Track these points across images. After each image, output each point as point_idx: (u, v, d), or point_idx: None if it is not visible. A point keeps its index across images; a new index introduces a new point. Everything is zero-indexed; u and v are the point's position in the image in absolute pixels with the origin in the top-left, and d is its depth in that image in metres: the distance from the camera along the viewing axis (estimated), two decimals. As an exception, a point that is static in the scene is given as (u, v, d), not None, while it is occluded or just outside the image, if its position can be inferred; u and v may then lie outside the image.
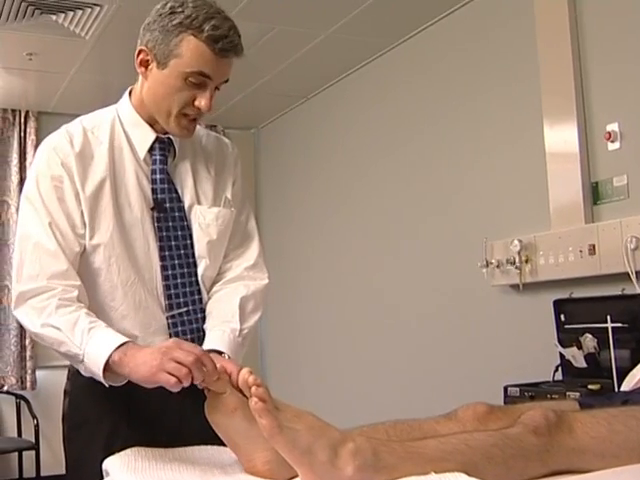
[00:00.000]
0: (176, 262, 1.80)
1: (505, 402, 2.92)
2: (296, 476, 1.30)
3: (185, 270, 1.82)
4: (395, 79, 4.53)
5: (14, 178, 5.45)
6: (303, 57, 4.60)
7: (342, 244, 4.99)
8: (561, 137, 3.33)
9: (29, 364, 5.35)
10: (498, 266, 3.54)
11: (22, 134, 5.52)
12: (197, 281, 1.84)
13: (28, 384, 5.34)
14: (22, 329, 5.33)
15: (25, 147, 5.52)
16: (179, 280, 1.81)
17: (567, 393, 2.69)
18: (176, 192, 1.84)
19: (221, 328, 1.79)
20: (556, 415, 1.39)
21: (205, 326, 1.84)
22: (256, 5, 3.85)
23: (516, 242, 3.40)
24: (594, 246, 3.08)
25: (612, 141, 3.11)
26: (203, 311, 1.85)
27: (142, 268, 1.78)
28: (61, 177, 1.73)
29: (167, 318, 1.80)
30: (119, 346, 1.58)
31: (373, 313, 4.64)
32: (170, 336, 1.78)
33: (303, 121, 5.54)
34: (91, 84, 4.98)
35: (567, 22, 3.29)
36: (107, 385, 1.62)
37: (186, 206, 1.84)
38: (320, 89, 5.22)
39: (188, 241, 1.83)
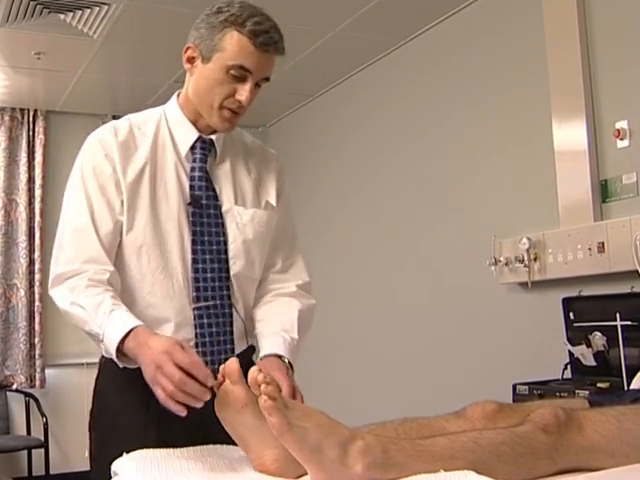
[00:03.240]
0: (207, 257, 1.85)
1: (514, 400, 2.91)
2: (305, 474, 1.30)
3: (216, 265, 1.86)
4: (403, 77, 4.53)
5: (22, 177, 5.46)
6: (311, 55, 4.60)
7: (351, 242, 4.99)
8: (570, 135, 3.32)
9: (38, 362, 5.36)
10: (507, 264, 3.54)
11: (30, 133, 5.53)
12: (227, 277, 1.88)
13: (37, 382, 5.35)
14: (31, 327, 5.36)
15: (34, 146, 5.53)
16: (209, 274, 1.85)
17: (576, 391, 2.69)
18: (214, 191, 1.89)
19: (282, 335, 1.84)
20: (566, 413, 1.39)
21: (260, 330, 1.90)
22: (263, 3, 3.84)
23: (525, 240, 3.40)
24: (603, 244, 3.07)
25: (621, 139, 3.11)
26: (230, 307, 1.89)
27: (173, 259, 1.84)
28: (104, 168, 1.82)
29: (193, 310, 1.84)
30: (130, 331, 1.64)
31: (380, 311, 4.64)
32: (195, 327, 1.84)
33: (311, 119, 5.54)
34: (99, 83, 4.99)
35: (576, 20, 3.28)
36: (121, 366, 1.68)
37: (223, 207, 1.90)
38: (328, 87, 5.22)
39: (221, 238, 1.88)
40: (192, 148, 1.89)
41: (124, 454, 1.56)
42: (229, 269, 1.88)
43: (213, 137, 1.91)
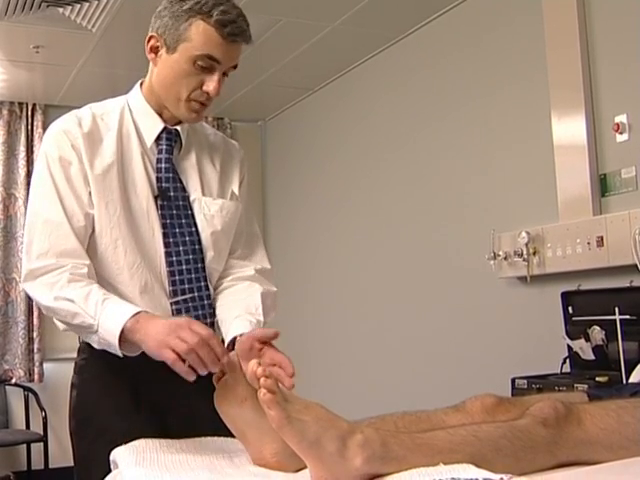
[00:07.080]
0: (181, 249, 1.82)
1: (513, 394, 2.91)
2: (305, 467, 1.30)
3: (190, 257, 1.83)
4: (403, 71, 4.52)
5: (21, 171, 5.45)
6: (310, 49, 4.59)
7: (349, 237, 4.99)
8: (569, 129, 3.31)
9: (37, 357, 5.36)
10: (506, 258, 3.53)
11: (29, 127, 5.53)
12: (203, 268, 1.86)
13: (36, 376, 5.35)
14: (30, 322, 5.36)
15: (32, 140, 5.52)
16: (184, 266, 1.82)
17: (575, 385, 2.68)
18: (180, 182, 1.86)
19: (248, 318, 1.79)
20: (565, 407, 1.39)
21: (223, 316, 1.84)
22: (263, -3, 3.84)
23: (524, 234, 3.39)
24: (602, 238, 3.07)
25: (620, 133, 3.10)
26: (209, 298, 1.86)
27: (147, 253, 1.81)
28: (70, 159, 1.76)
29: (171, 304, 1.81)
30: (134, 315, 1.61)
31: (380, 306, 4.64)
32: None
33: (310, 114, 5.54)
34: (98, 77, 4.98)
35: (575, 14, 3.27)
36: (121, 355, 1.63)
37: (191, 197, 1.87)
38: (327, 81, 5.21)
39: (193, 229, 1.85)
40: (157, 139, 1.85)
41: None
42: (204, 259, 1.86)
43: (178, 128, 1.88)
